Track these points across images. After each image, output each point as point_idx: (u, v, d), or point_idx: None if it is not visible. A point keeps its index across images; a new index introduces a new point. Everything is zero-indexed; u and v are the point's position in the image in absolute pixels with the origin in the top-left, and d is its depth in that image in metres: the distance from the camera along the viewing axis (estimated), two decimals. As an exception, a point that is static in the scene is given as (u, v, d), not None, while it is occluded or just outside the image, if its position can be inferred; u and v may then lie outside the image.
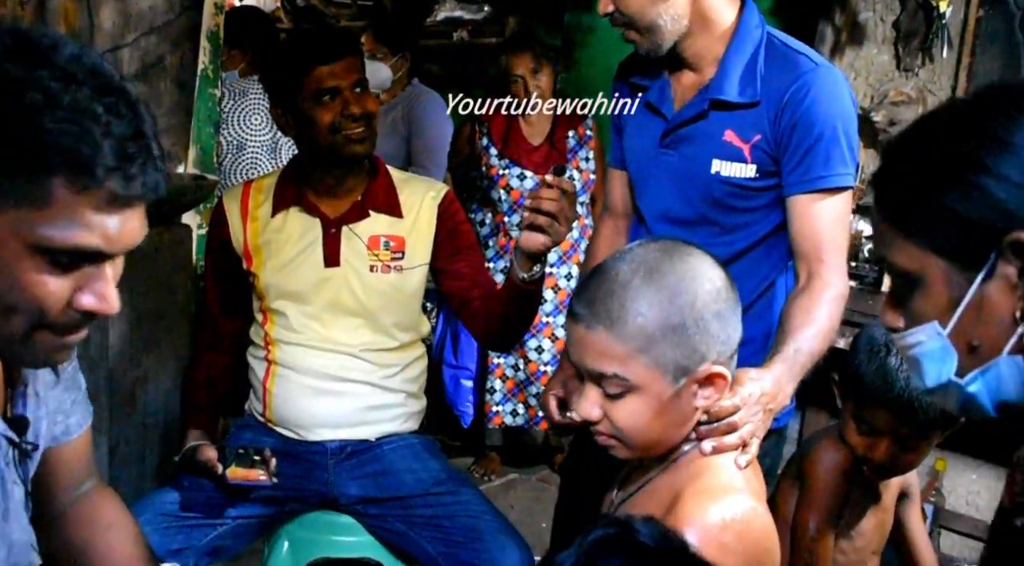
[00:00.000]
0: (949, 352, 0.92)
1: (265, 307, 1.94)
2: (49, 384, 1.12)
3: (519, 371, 3.44)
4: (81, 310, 0.91)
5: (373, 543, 1.93)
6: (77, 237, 0.87)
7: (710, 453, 1.19)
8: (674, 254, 1.15)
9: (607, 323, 1.11)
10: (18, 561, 1.05)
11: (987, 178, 0.85)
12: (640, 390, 1.12)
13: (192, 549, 1.74)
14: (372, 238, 1.92)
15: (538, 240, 1.64)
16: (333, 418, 1.91)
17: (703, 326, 1.12)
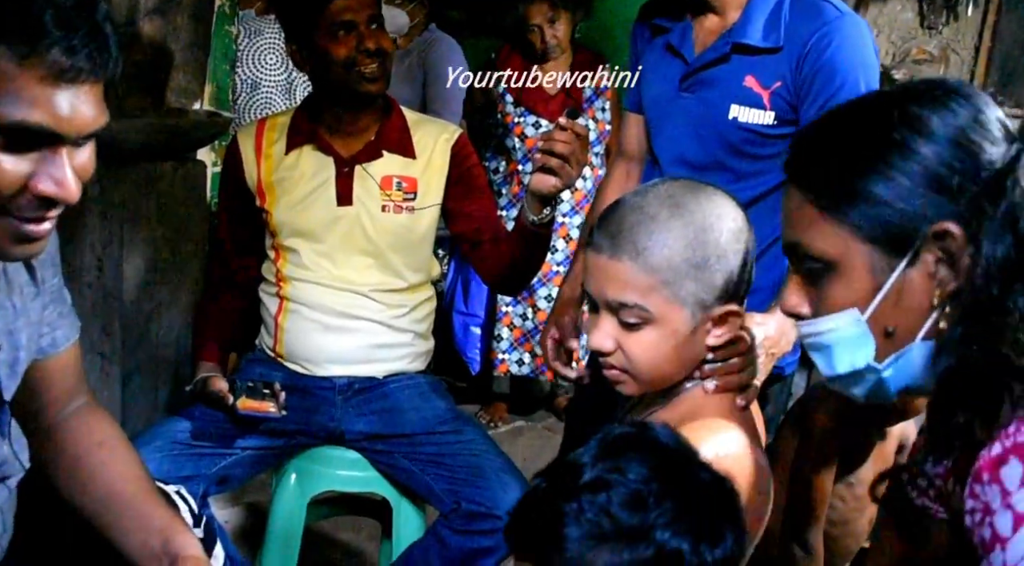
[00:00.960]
0: (867, 338, 0.92)
1: (277, 244, 1.95)
2: (29, 295, 1.11)
3: (527, 320, 3.46)
4: (37, 195, 0.89)
5: (378, 479, 1.96)
6: (21, 113, 0.84)
7: (713, 392, 1.20)
8: (699, 192, 1.17)
9: (632, 254, 1.13)
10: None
11: (914, 165, 0.87)
12: (657, 323, 1.14)
13: (202, 476, 1.77)
14: (385, 178, 1.93)
15: (549, 182, 1.64)
16: (342, 354, 1.94)
17: (725, 264, 1.14)
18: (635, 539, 0.83)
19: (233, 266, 2.02)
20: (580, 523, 0.83)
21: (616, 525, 0.83)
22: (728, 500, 0.89)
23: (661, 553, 0.82)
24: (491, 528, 1.76)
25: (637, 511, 0.83)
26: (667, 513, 0.83)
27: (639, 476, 0.84)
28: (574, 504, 0.84)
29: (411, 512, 1.98)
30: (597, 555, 0.83)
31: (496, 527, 1.75)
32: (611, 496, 0.83)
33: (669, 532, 0.83)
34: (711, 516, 0.86)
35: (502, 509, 1.75)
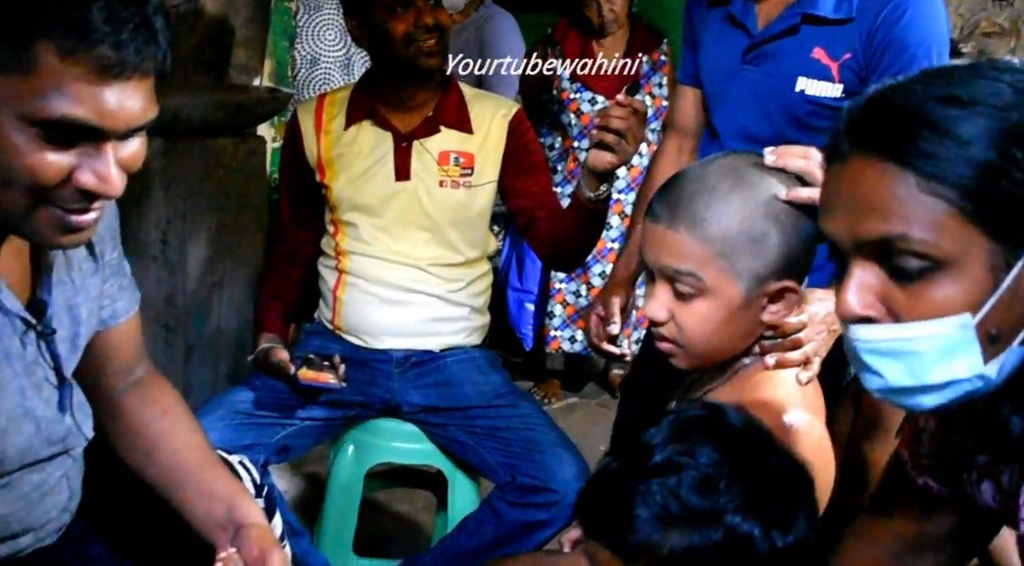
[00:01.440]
0: (973, 344, 0.78)
1: (336, 219, 1.98)
2: (88, 271, 1.13)
3: (580, 297, 3.46)
4: (79, 188, 0.89)
5: (434, 451, 1.99)
6: (65, 108, 0.84)
7: (773, 367, 1.20)
8: (762, 166, 1.16)
9: (689, 224, 1.13)
10: (54, 436, 1.08)
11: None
12: (712, 294, 1.13)
13: (263, 446, 1.81)
14: (442, 153, 1.95)
15: (605, 158, 1.64)
16: (399, 328, 1.96)
17: (784, 239, 1.13)
18: (705, 523, 0.83)
19: (293, 240, 2.05)
20: (650, 505, 0.84)
21: (685, 508, 0.83)
22: (802, 486, 0.89)
23: (731, 537, 0.83)
24: (545, 501, 1.77)
25: (707, 495, 0.83)
26: (738, 498, 0.83)
27: (710, 460, 0.85)
28: (644, 486, 0.85)
29: (466, 484, 2.00)
30: (666, 537, 0.83)
31: (550, 501, 1.77)
32: (681, 479, 0.84)
33: (740, 516, 0.83)
34: (784, 501, 0.86)
35: (557, 483, 1.77)
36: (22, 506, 1.08)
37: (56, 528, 1.16)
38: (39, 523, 1.12)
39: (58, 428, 1.08)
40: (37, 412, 1.04)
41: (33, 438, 1.04)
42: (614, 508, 0.85)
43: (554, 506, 1.77)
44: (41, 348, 1.06)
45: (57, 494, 1.13)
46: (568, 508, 1.77)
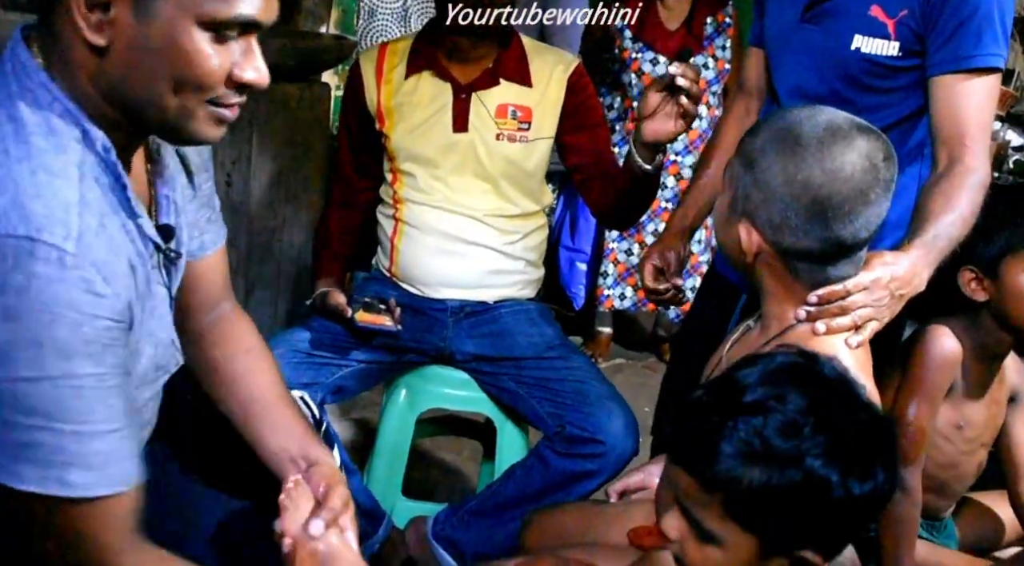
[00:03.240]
0: None
1: (395, 168, 2.00)
2: (187, 197, 1.17)
3: (632, 255, 3.46)
4: (240, 83, 0.96)
5: (484, 399, 2.02)
6: (239, 7, 0.92)
7: (823, 333, 1.21)
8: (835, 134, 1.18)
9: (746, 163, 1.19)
10: (162, 360, 1.12)
11: None
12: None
13: (320, 385, 1.86)
14: (500, 106, 1.95)
15: (669, 128, 1.63)
16: (454, 278, 1.99)
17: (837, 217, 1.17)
18: (785, 463, 0.86)
19: (353, 187, 2.08)
20: (734, 441, 0.87)
21: (768, 448, 0.86)
22: (885, 441, 0.91)
23: (809, 479, 0.86)
24: (593, 452, 1.80)
25: (791, 438, 0.86)
26: (820, 444, 0.86)
27: (797, 406, 0.87)
28: (731, 422, 0.88)
29: (514, 433, 2.04)
30: (747, 473, 0.87)
31: (598, 452, 1.79)
32: (767, 420, 0.87)
33: (820, 461, 0.86)
34: (864, 453, 0.88)
35: (605, 435, 1.79)
36: None
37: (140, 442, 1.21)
38: None
39: (168, 351, 1.13)
40: (157, 334, 1.08)
41: (150, 361, 1.08)
42: (701, 438, 0.89)
43: (601, 457, 1.79)
44: (161, 268, 1.09)
45: (143, 413, 1.17)
46: (616, 460, 1.80)
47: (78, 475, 0.92)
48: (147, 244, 1.04)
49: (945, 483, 1.68)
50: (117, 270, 0.94)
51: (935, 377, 1.58)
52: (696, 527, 0.92)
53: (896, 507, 1.57)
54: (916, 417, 1.56)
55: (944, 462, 1.65)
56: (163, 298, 1.11)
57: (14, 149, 0.90)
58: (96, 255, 0.91)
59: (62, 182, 0.91)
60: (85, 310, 0.89)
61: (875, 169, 1.17)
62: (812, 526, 0.89)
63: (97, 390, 0.92)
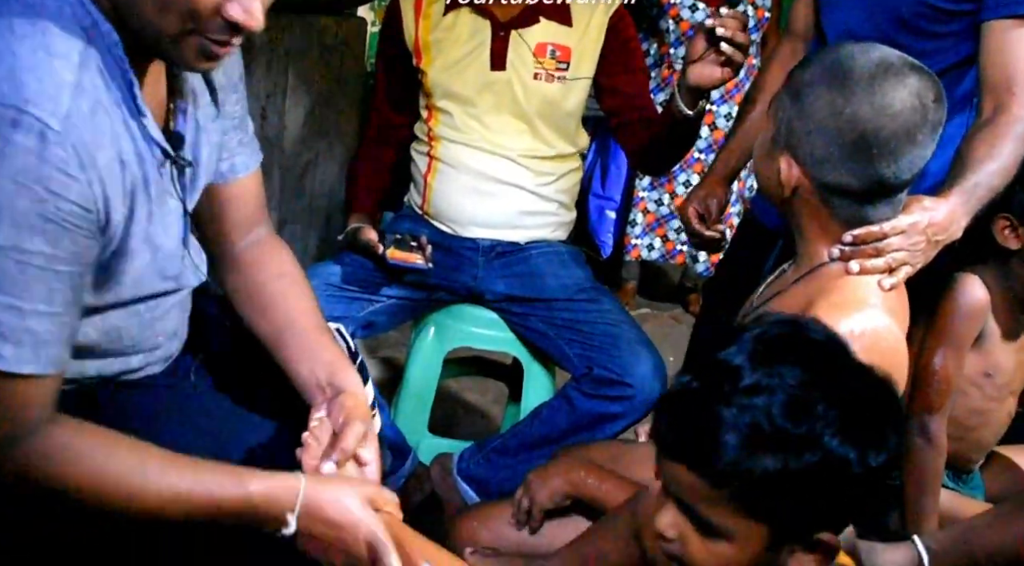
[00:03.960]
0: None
1: (431, 105, 1.98)
2: (210, 116, 1.16)
3: (662, 205, 3.44)
4: (228, 19, 0.95)
5: (513, 340, 2.02)
6: None
7: (857, 273, 1.20)
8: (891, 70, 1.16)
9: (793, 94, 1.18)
10: (169, 270, 1.12)
11: None
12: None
13: (351, 318, 1.87)
14: (539, 45, 1.93)
15: (716, 74, 1.61)
16: (487, 218, 1.98)
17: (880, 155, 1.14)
18: (801, 447, 0.79)
19: (387, 123, 2.07)
20: (739, 429, 0.80)
21: (779, 432, 0.79)
22: (890, 402, 0.85)
23: (827, 460, 0.79)
24: (620, 395, 1.80)
25: (802, 418, 0.79)
26: (833, 421, 0.80)
27: (799, 381, 0.81)
28: (733, 409, 0.80)
29: (541, 374, 2.04)
30: (758, 462, 0.80)
31: (625, 394, 1.80)
32: (772, 402, 0.80)
33: (836, 439, 0.79)
34: (876, 421, 0.82)
35: (633, 377, 1.79)
36: (136, 324, 1.14)
37: (164, 356, 1.23)
38: (149, 346, 1.18)
39: (174, 263, 1.13)
40: (157, 239, 1.08)
41: (149, 266, 1.08)
42: (701, 431, 0.81)
43: (628, 400, 1.80)
44: (173, 178, 1.10)
45: (168, 320, 1.18)
46: (642, 403, 1.80)
47: (9, 349, 0.92)
48: (152, 147, 1.04)
49: (974, 431, 1.67)
50: (100, 160, 0.94)
51: (962, 326, 1.57)
52: (700, 524, 0.85)
53: (920, 456, 1.57)
54: (942, 366, 1.56)
55: (972, 409, 1.65)
56: (175, 209, 1.11)
57: (19, 27, 0.90)
58: (80, 138, 0.91)
59: (61, 63, 0.91)
60: (53, 188, 0.89)
61: (924, 109, 1.15)
62: (828, 507, 0.83)
63: (44, 271, 0.92)
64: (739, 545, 0.84)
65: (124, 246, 1.03)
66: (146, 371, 1.21)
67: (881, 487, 0.84)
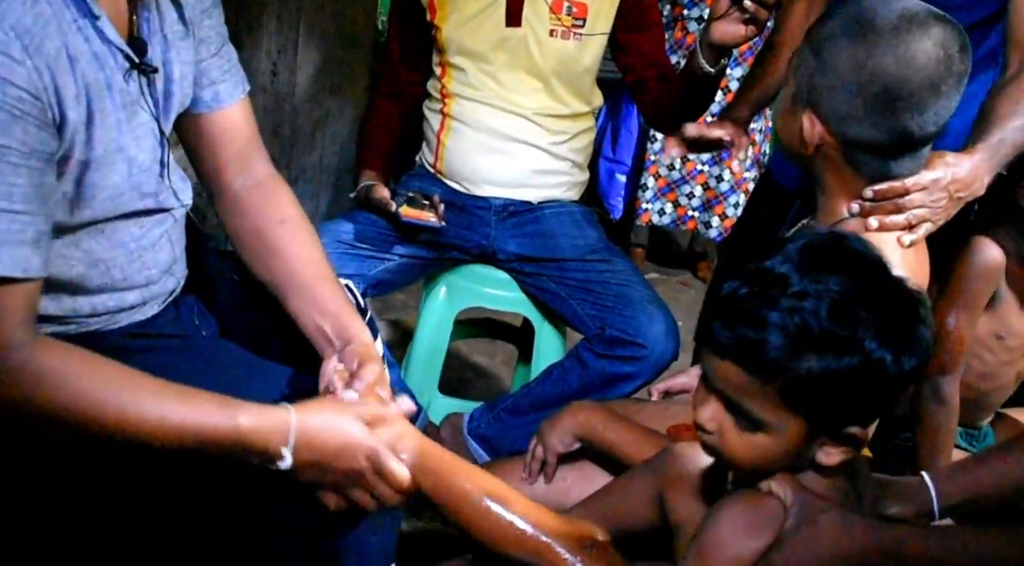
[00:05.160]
0: None
1: (445, 61, 1.96)
2: (179, 34, 1.14)
3: (673, 170, 3.42)
4: None
5: (524, 300, 2.02)
6: None
7: (875, 229, 1.19)
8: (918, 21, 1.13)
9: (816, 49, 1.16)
10: (147, 187, 1.10)
11: None
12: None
13: (363, 277, 1.86)
14: (556, 1, 1.90)
15: (740, 31, 1.59)
16: (500, 177, 1.97)
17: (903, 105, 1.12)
18: (842, 348, 0.85)
19: (400, 79, 2.05)
20: (786, 329, 0.86)
21: (825, 334, 0.85)
22: (921, 311, 0.90)
23: (866, 362, 0.85)
24: (632, 355, 1.80)
25: (845, 321, 0.85)
26: (872, 325, 0.85)
27: (844, 287, 0.86)
28: (782, 312, 0.86)
29: (552, 335, 2.04)
30: (802, 361, 0.86)
31: (638, 355, 1.79)
32: (819, 306, 0.85)
33: (875, 343, 0.85)
34: (909, 325, 0.88)
35: (645, 338, 1.79)
36: (122, 254, 1.12)
37: (162, 293, 1.21)
38: (142, 280, 1.16)
39: (150, 180, 1.11)
40: (130, 151, 1.06)
41: (125, 181, 1.06)
42: (750, 331, 0.87)
43: (641, 361, 1.79)
44: (143, 89, 1.08)
45: (157, 251, 1.16)
46: (655, 363, 1.80)
47: None
48: (113, 51, 1.03)
49: (984, 393, 1.67)
50: (46, 49, 0.92)
51: (976, 287, 1.56)
52: (741, 416, 0.91)
53: (933, 417, 1.57)
54: (956, 327, 1.55)
55: (984, 372, 1.64)
56: (146, 123, 1.09)
57: None
58: (19, 22, 0.90)
59: None
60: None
61: (949, 60, 1.13)
62: (862, 404, 0.90)
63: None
64: (775, 437, 0.90)
65: (93, 153, 1.01)
66: (146, 311, 1.19)
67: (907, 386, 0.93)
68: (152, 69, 1.09)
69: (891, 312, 0.87)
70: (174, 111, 1.15)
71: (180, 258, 1.24)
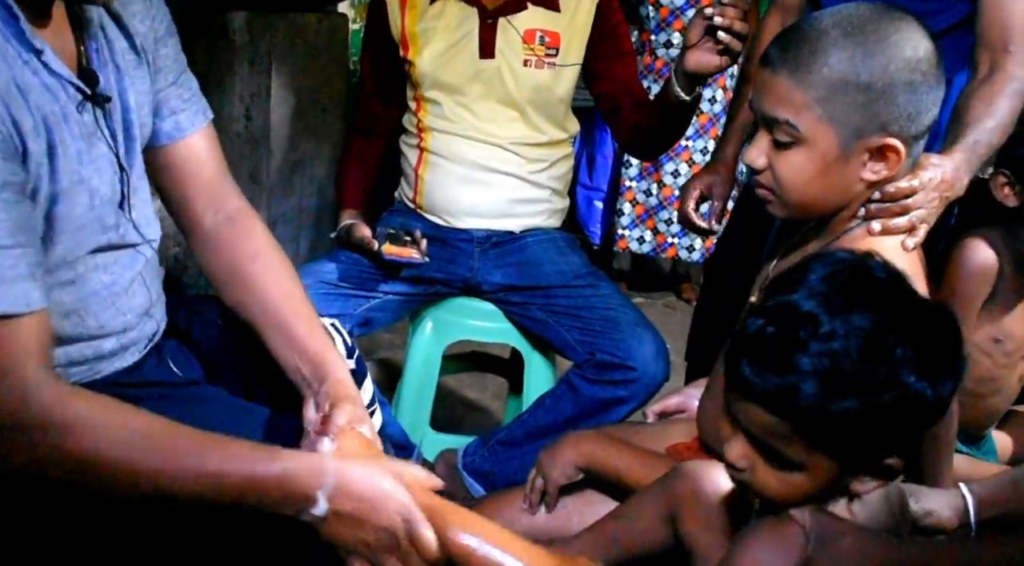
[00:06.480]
0: None
1: (419, 95, 1.96)
2: (132, 63, 1.12)
3: (651, 196, 3.43)
4: None
5: (511, 330, 2.00)
6: None
7: (878, 233, 1.18)
8: (883, 16, 1.11)
9: (792, 68, 1.10)
10: (104, 216, 1.07)
11: None
12: (807, 144, 1.12)
13: (348, 316, 1.84)
14: (528, 31, 1.91)
15: (714, 61, 1.59)
16: (480, 208, 1.96)
17: (890, 93, 1.09)
18: (880, 387, 0.82)
19: (375, 116, 2.04)
20: (819, 375, 0.83)
21: (860, 375, 0.82)
22: (953, 331, 0.88)
23: (904, 396, 0.83)
24: (624, 378, 1.78)
25: (881, 360, 0.82)
26: (909, 359, 0.83)
27: (873, 323, 0.83)
28: (812, 356, 0.83)
29: (542, 364, 2.02)
30: (838, 404, 0.83)
31: (629, 378, 1.78)
32: (848, 346, 0.82)
33: (913, 376, 0.83)
34: (943, 351, 0.86)
35: (636, 360, 1.78)
36: (95, 302, 1.09)
37: (141, 337, 1.18)
38: (119, 326, 1.13)
39: (110, 212, 1.08)
40: (92, 183, 1.04)
41: (87, 213, 1.04)
42: (779, 377, 0.84)
43: (633, 383, 1.78)
44: (99, 120, 1.06)
45: (131, 296, 1.13)
46: (647, 385, 1.79)
47: None
48: (63, 83, 1.01)
49: (984, 397, 1.67)
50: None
51: (970, 289, 1.56)
52: (772, 457, 0.88)
53: None
54: None
55: (983, 376, 1.64)
56: (105, 154, 1.07)
57: None
58: None
59: None
60: None
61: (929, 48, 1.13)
62: (900, 437, 0.87)
63: None
64: (810, 475, 0.88)
65: (58, 186, 1.00)
66: (127, 358, 1.16)
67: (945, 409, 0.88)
68: (105, 98, 1.07)
69: (925, 341, 0.84)
70: (137, 141, 1.13)
71: (158, 301, 1.21)
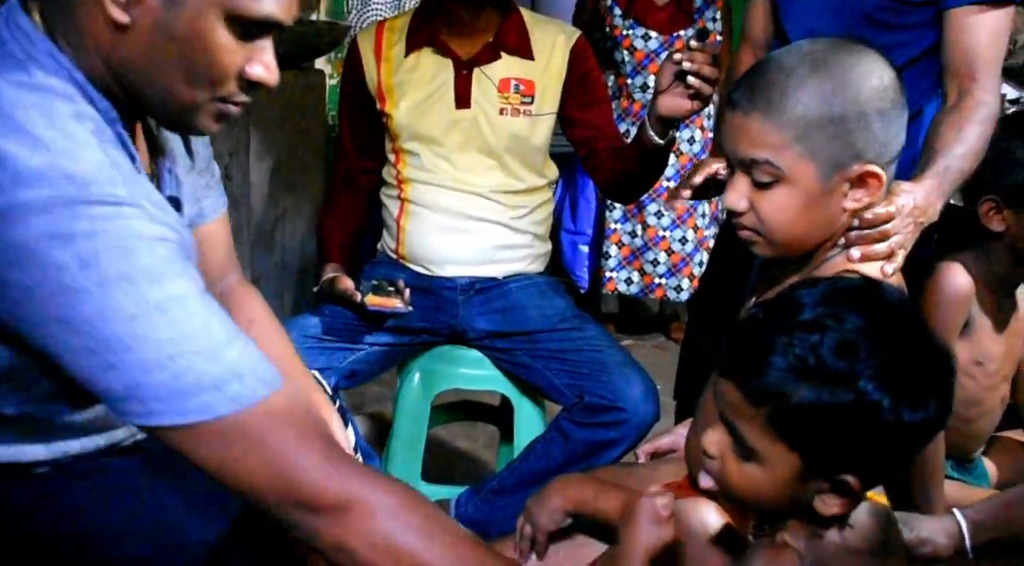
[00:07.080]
0: None
1: (398, 147, 1.97)
2: (186, 168, 1.15)
3: (636, 237, 3.44)
4: (250, 79, 0.96)
5: (499, 377, 1.99)
6: (268, 6, 0.92)
7: (858, 260, 1.18)
8: (843, 49, 1.13)
9: (764, 109, 1.10)
10: None
11: None
12: (789, 182, 1.12)
13: (333, 369, 1.83)
14: (503, 81, 1.93)
15: (685, 106, 1.60)
16: (463, 255, 1.97)
17: (864, 122, 1.10)
18: (838, 383, 0.83)
19: (355, 169, 2.05)
20: (787, 356, 0.85)
21: (822, 366, 0.84)
22: (943, 373, 0.88)
23: (860, 401, 0.83)
24: (614, 420, 1.77)
25: (845, 358, 0.84)
26: (875, 367, 0.83)
27: (855, 326, 0.85)
28: (786, 337, 0.86)
29: (532, 410, 2.01)
30: (795, 389, 0.84)
31: (619, 419, 1.77)
32: (824, 338, 0.84)
33: (873, 384, 0.83)
34: (919, 381, 0.85)
35: (626, 402, 1.76)
36: None
37: None
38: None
39: None
40: None
41: None
42: (753, 351, 0.87)
43: (623, 425, 1.77)
44: None
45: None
46: (637, 426, 1.77)
47: (237, 387, 0.88)
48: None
49: (971, 420, 1.66)
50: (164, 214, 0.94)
51: (948, 314, 1.56)
52: (738, 443, 0.90)
53: None
54: None
55: (967, 400, 1.63)
56: None
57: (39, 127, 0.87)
58: (144, 195, 0.91)
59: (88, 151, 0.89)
60: (152, 234, 0.88)
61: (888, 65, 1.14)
62: (857, 450, 0.87)
63: (200, 305, 0.89)
64: (769, 470, 0.89)
65: None
66: (136, 439, 1.16)
67: (911, 448, 0.89)
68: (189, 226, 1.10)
69: (902, 361, 0.85)
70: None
71: None
